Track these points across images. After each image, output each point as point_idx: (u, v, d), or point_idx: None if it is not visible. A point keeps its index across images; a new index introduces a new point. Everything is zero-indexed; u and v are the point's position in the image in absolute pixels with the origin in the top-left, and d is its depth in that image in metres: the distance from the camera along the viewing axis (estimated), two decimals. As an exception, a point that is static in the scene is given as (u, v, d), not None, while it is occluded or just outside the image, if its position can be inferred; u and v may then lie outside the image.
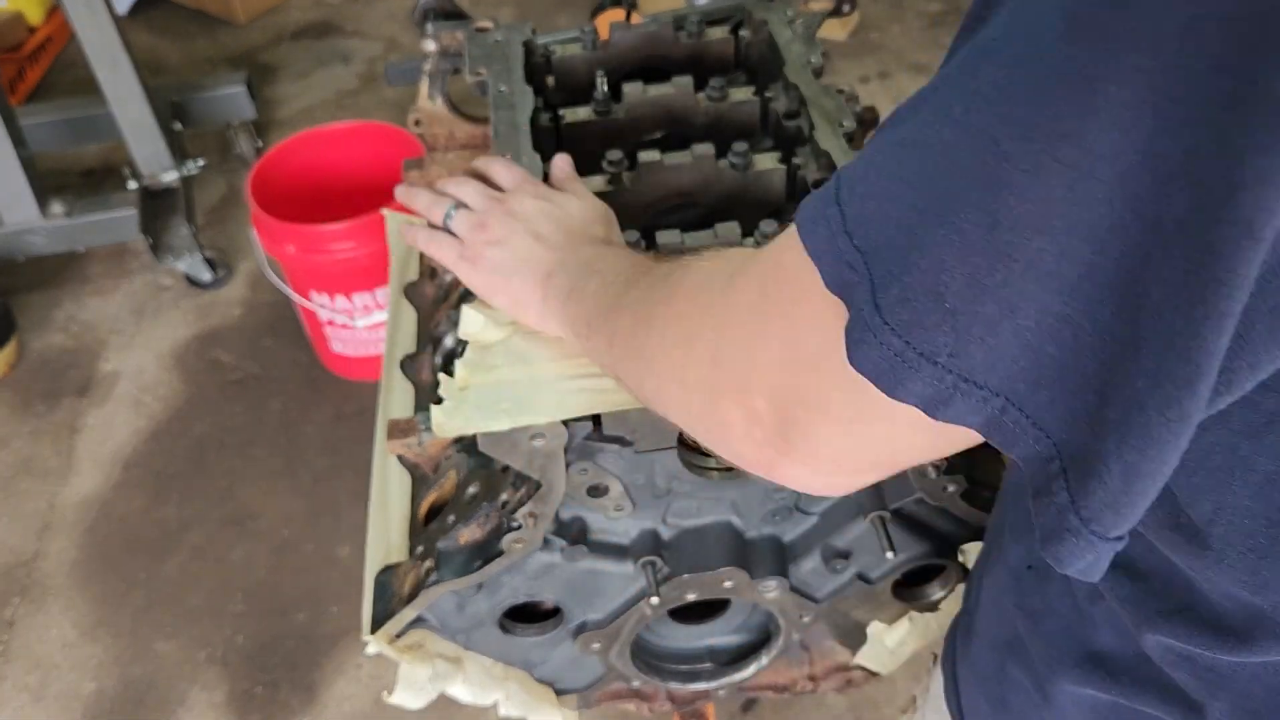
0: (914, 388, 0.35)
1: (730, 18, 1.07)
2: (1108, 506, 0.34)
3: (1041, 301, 0.32)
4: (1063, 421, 0.33)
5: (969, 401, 0.34)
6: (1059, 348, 0.32)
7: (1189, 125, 0.27)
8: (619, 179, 0.88)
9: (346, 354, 1.98)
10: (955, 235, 0.33)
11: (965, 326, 0.33)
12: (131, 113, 2.10)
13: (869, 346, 0.35)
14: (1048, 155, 0.30)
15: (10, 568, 1.78)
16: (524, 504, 0.77)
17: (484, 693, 0.95)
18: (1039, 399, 0.33)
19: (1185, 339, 0.30)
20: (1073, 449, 0.33)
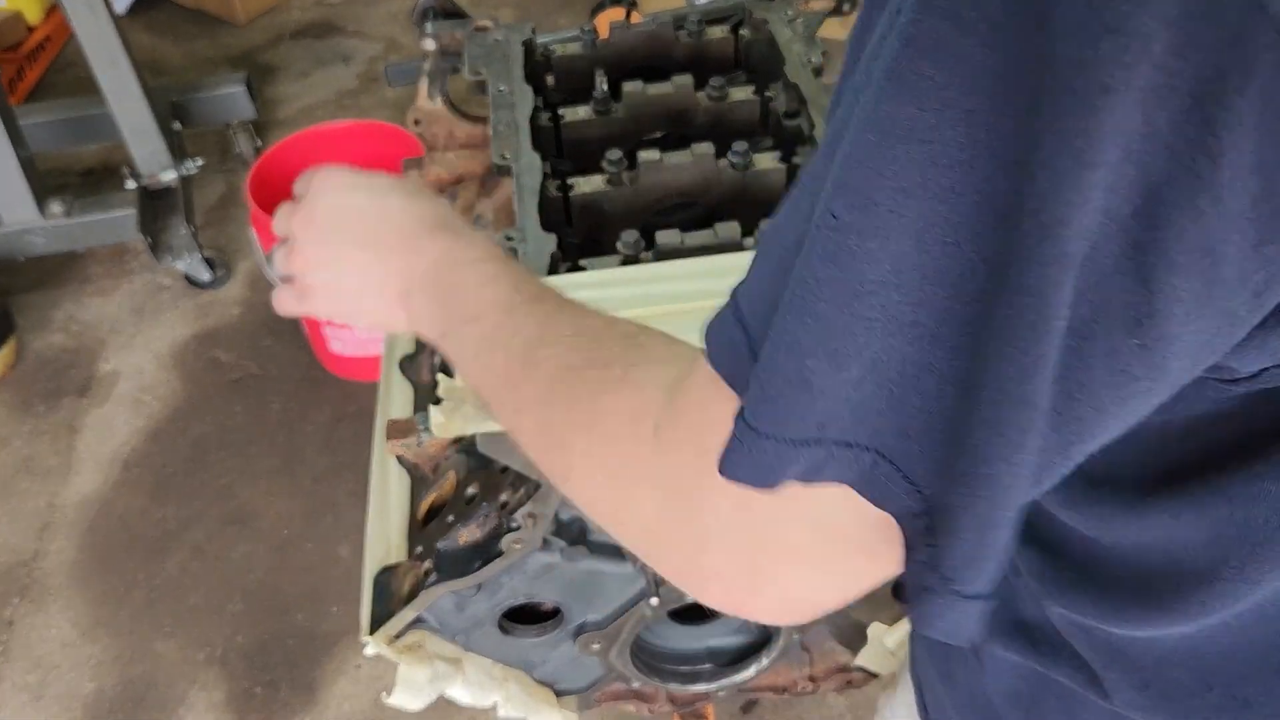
0: (788, 472, 0.34)
1: (730, 17, 1.07)
2: (966, 562, 0.33)
3: (904, 353, 0.31)
4: (930, 474, 0.33)
5: (841, 460, 0.33)
6: (922, 397, 0.32)
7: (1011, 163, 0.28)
8: (619, 178, 0.87)
9: (346, 354, 1.98)
10: (807, 317, 0.32)
11: (830, 392, 0.33)
12: (131, 112, 2.09)
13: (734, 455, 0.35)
14: (893, 215, 0.30)
15: (10, 567, 1.78)
16: (523, 504, 0.76)
17: (483, 694, 0.95)
18: (908, 450, 0.33)
19: (1017, 383, 0.29)
20: (940, 503, 0.33)
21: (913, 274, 0.30)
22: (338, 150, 1.97)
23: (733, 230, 0.80)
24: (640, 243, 0.79)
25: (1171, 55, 0.25)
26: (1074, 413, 0.31)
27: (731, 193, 0.88)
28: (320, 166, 0.64)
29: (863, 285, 0.31)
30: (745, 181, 0.88)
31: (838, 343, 0.32)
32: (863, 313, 0.31)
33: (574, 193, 0.88)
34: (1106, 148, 0.26)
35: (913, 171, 0.29)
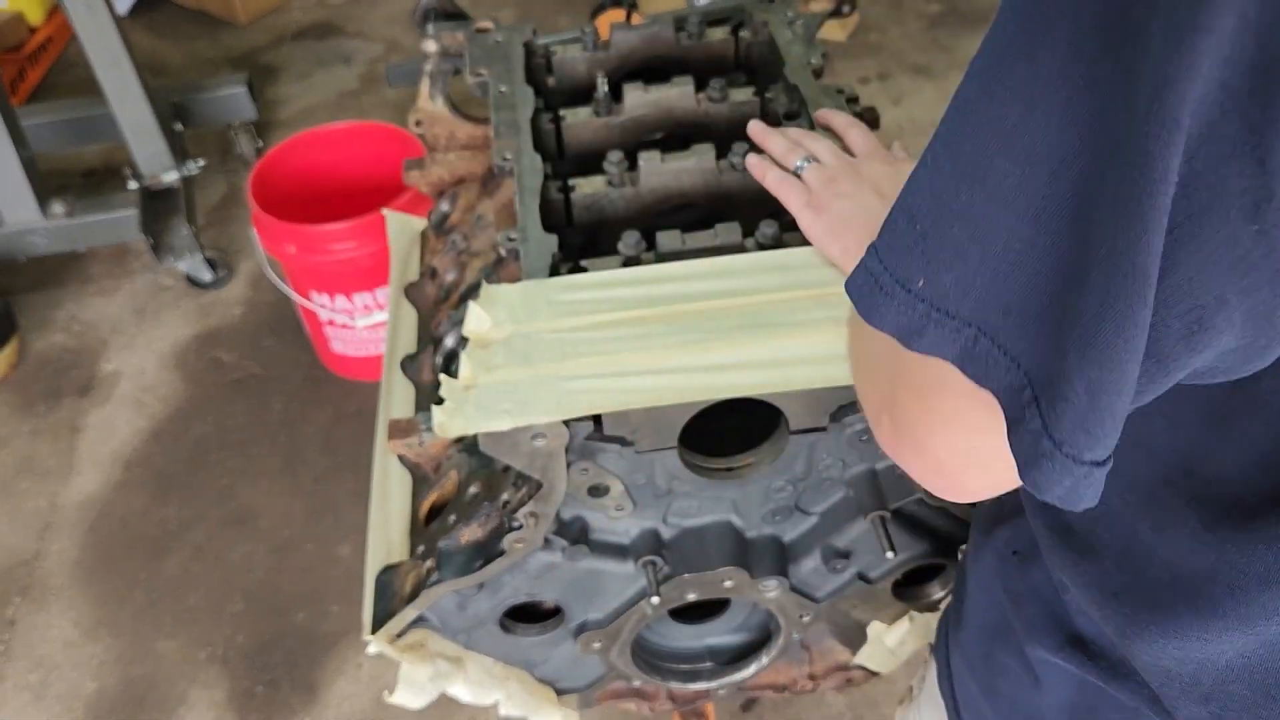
0: (889, 315, 0.37)
1: (731, 18, 1.08)
2: (1078, 427, 0.34)
3: (1007, 226, 0.33)
4: (1031, 348, 0.35)
5: (942, 332, 0.36)
6: (1024, 273, 0.34)
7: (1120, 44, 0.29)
8: (620, 179, 0.88)
9: (347, 354, 1.99)
10: (928, 159, 0.36)
11: (935, 251, 0.35)
12: (132, 113, 2.10)
13: (857, 272, 0.39)
14: (1002, 84, 0.33)
15: (11, 567, 1.79)
16: (525, 504, 0.77)
17: (485, 692, 0.96)
18: (1008, 327, 0.35)
19: (1128, 254, 0.31)
20: (1041, 374, 0.35)
21: (1021, 146, 0.32)
22: (339, 151, 1.97)
23: (733, 231, 0.80)
24: (641, 244, 0.80)
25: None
26: (1198, 300, 0.32)
27: (732, 194, 0.89)
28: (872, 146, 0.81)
29: (971, 142, 0.34)
30: (745, 183, 0.88)
31: (947, 192, 0.35)
32: (967, 170, 0.34)
33: (575, 194, 0.88)
34: (1221, 12, 0.27)
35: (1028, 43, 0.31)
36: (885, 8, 3.02)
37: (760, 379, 0.69)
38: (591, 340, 0.71)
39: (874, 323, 0.38)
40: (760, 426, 0.80)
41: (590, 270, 0.79)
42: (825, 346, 0.70)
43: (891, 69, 2.80)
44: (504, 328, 0.73)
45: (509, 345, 0.72)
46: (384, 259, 1.25)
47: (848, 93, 0.96)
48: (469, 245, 1.03)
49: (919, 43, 2.88)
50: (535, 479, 0.75)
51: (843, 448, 0.80)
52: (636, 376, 0.69)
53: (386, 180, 1.84)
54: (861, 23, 2.93)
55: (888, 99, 2.68)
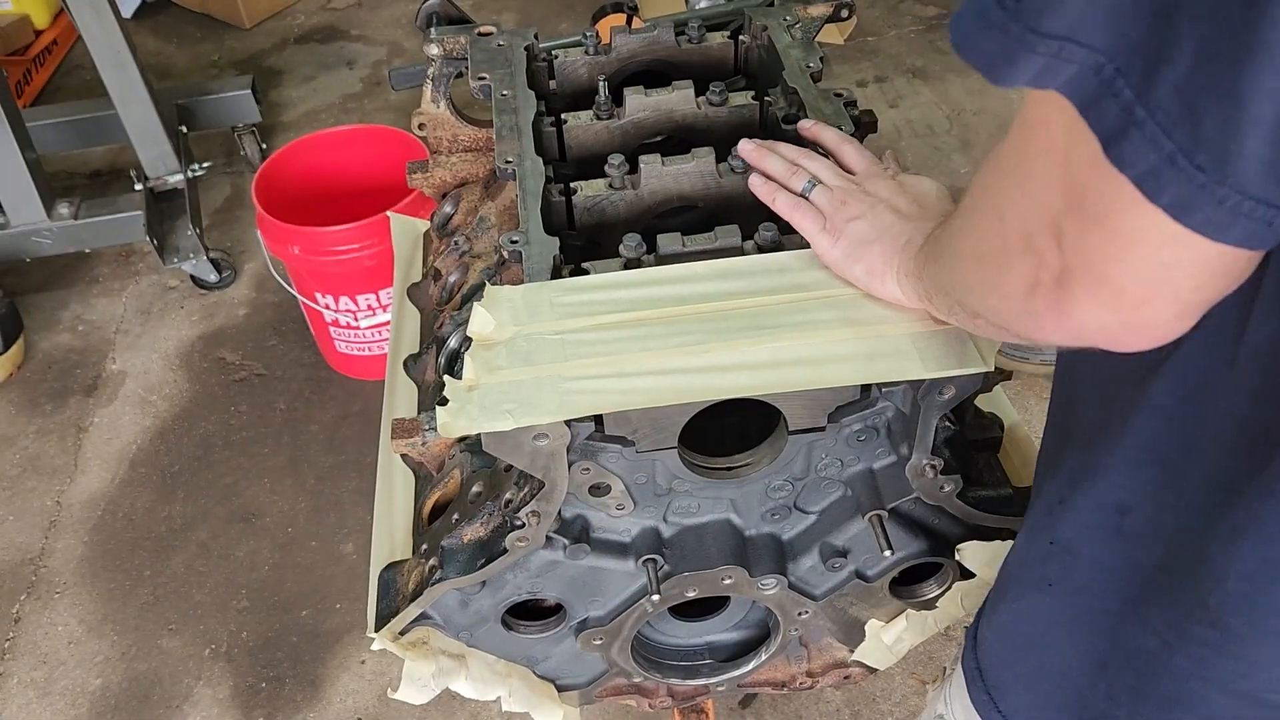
0: (1024, 70, 0.38)
1: (730, 23, 1.09)
2: (1176, 93, 0.35)
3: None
4: (1111, 27, 0.35)
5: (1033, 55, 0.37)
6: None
7: None
8: (621, 182, 0.89)
9: (351, 354, 2.00)
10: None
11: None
12: (137, 115, 2.11)
13: (979, 36, 0.39)
14: None
15: (17, 565, 1.80)
16: (527, 503, 0.78)
17: (487, 689, 0.97)
18: (1090, 20, 0.36)
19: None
20: (1127, 46, 0.35)
21: None
22: (343, 153, 1.99)
23: (733, 234, 0.81)
24: (642, 246, 0.81)
25: None
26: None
27: (731, 196, 0.90)
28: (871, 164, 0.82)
29: None
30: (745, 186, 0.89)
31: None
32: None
33: (577, 196, 0.89)
34: None
35: None
36: (882, 11, 3.03)
37: (759, 379, 0.70)
38: (593, 341, 0.72)
39: (973, 55, 0.39)
40: (759, 426, 0.81)
41: (592, 272, 0.80)
42: (824, 347, 0.71)
43: (888, 72, 2.81)
44: (507, 329, 0.74)
45: (511, 346, 0.73)
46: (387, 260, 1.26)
47: (845, 96, 0.97)
48: (471, 247, 1.04)
49: (915, 46, 2.89)
50: (537, 478, 0.76)
51: (841, 447, 0.81)
52: (637, 377, 0.70)
53: (390, 182, 1.86)
54: (859, 26, 2.94)
55: (885, 102, 2.69)
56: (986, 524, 0.87)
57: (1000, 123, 2.61)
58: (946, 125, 2.62)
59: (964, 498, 0.84)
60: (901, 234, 0.71)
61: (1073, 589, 0.61)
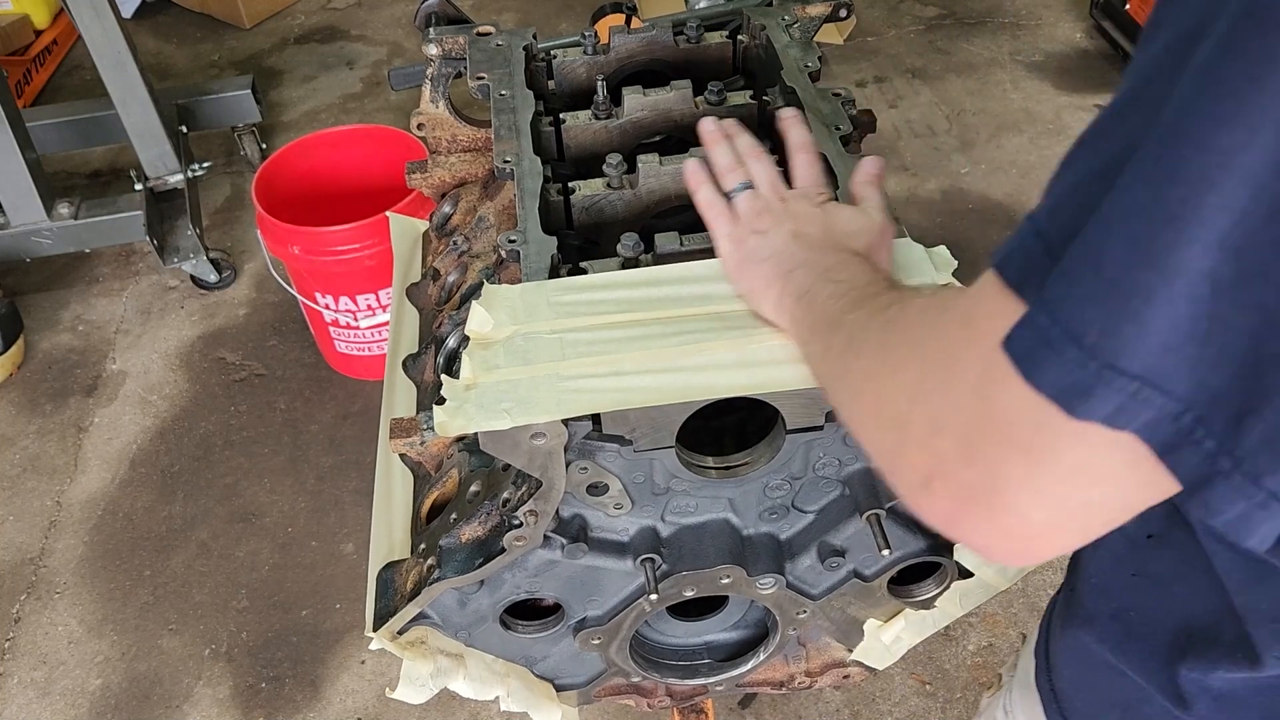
0: (1051, 374, 0.35)
1: (729, 23, 1.09)
2: (1266, 445, 0.34)
3: (1188, 261, 0.32)
4: (1193, 377, 0.34)
5: (1109, 391, 0.34)
6: (1192, 303, 0.32)
7: None
8: (619, 182, 0.89)
9: (350, 354, 2.00)
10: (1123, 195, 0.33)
11: (1122, 299, 0.33)
12: (137, 115, 2.11)
13: (1018, 329, 0.36)
14: (1232, 101, 0.31)
15: (17, 565, 1.80)
16: (525, 502, 0.78)
17: (485, 688, 0.97)
18: (1166, 366, 0.34)
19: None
20: (1208, 396, 0.34)
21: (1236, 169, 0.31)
22: (342, 153, 1.99)
23: None
24: (640, 245, 0.81)
25: None
26: None
27: (729, 196, 0.90)
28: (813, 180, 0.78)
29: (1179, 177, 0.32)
30: (743, 185, 0.89)
31: (1145, 244, 0.32)
32: (1174, 216, 0.32)
33: (575, 196, 0.89)
34: None
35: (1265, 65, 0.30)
36: (882, 11, 3.03)
37: (757, 378, 0.70)
38: (591, 341, 0.72)
39: (1037, 382, 0.35)
40: (757, 426, 0.81)
41: (590, 272, 0.80)
42: None
43: (888, 72, 2.81)
44: (505, 328, 0.74)
45: (509, 345, 0.73)
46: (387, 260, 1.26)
47: (844, 95, 0.97)
48: (470, 247, 1.04)
49: (915, 46, 2.90)
50: (535, 477, 0.76)
51: (839, 447, 0.82)
52: (635, 376, 0.70)
53: (389, 182, 1.86)
54: (858, 26, 2.94)
55: (884, 102, 2.69)
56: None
57: (1000, 123, 2.62)
58: (946, 125, 2.62)
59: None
60: (790, 261, 0.69)
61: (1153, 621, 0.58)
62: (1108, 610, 0.62)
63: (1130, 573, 0.59)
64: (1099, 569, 0.63)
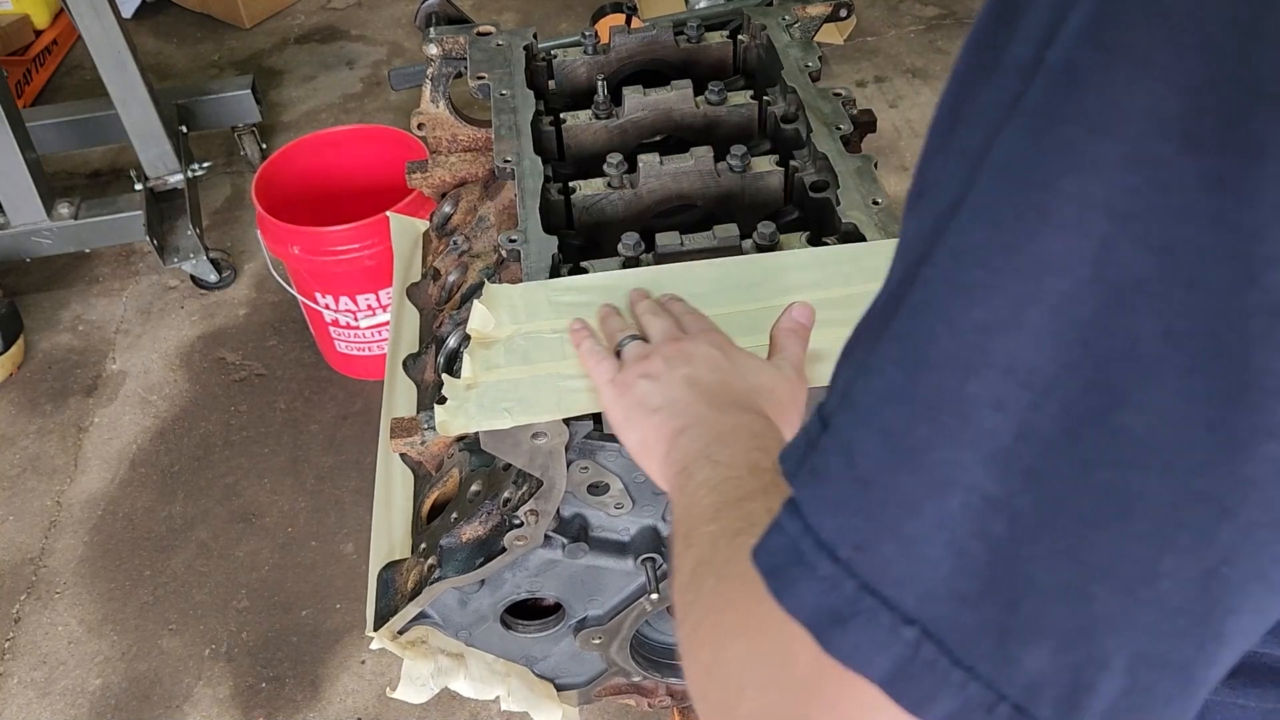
0: (806, 594, 0.27)
1: (729, 22, 1.09)
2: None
3: (970, 476, 0.25)
4: (996, 651, 0.25)
5: (872, 628, 0.26)
6: (989, 545, 0.25)
7: (1166, 222, 0.22)
8: (619, 182, 0.89)
9: (351, 354, 2.00)
10: (873, 379, 0.27)
11: (878, 507, 0.26)
12: (137, 115, 2.11)
13: (770, 533, 0.29)
14: (984, 270, 0.25)
15: (17, 565, 1.80)
16: (526, 501, 0.78)
17: (486, 688, 0.97)
18: (964, 622, 0.25)
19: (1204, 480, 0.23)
20: (1025, 680, 0.25)
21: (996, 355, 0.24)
22: (343, 153, 1.99)
23: (731, 232, 0.81)
24: (640, 245, 0.81)
25: None
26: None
27: (730, 195, 0.90)
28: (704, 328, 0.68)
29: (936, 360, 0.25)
30: (743, 185, 0.90)
31: (892, 422, 0.26)
32: (928, 395, 0.25)
33: (575, 196, 0.89)
34: None
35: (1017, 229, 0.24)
36: (882, 11, 3.03)
37: (756, 378, 0.70)
38: (591, 340, 0.72)
39: (787, 603, 0.27)
40: (757, 425, 0.81)
41: (590, 271, 0.80)
42: (822, 345, 0.71)
43: (888, 72, 2.81)
44: (506, 328, 0.74)
45: (510, 345, 0.73)
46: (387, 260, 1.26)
47: (844, 95, 0.97)
48: (471, 246, 1.04)
49: (915, 46, 2.90)
50: (536, 477, 0.76)
51: (838, 446, 0.81)
52: (635, 376, 0.70)
53: (389, 182, 1.86)
54: (858, 26, 2.94)
55: (884, 102, 2.69)
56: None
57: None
58: (946, 125, 2.62)
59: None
60: (684, 415, 0.59)
61: None
62: None
63: None
64: None
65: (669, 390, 0.61)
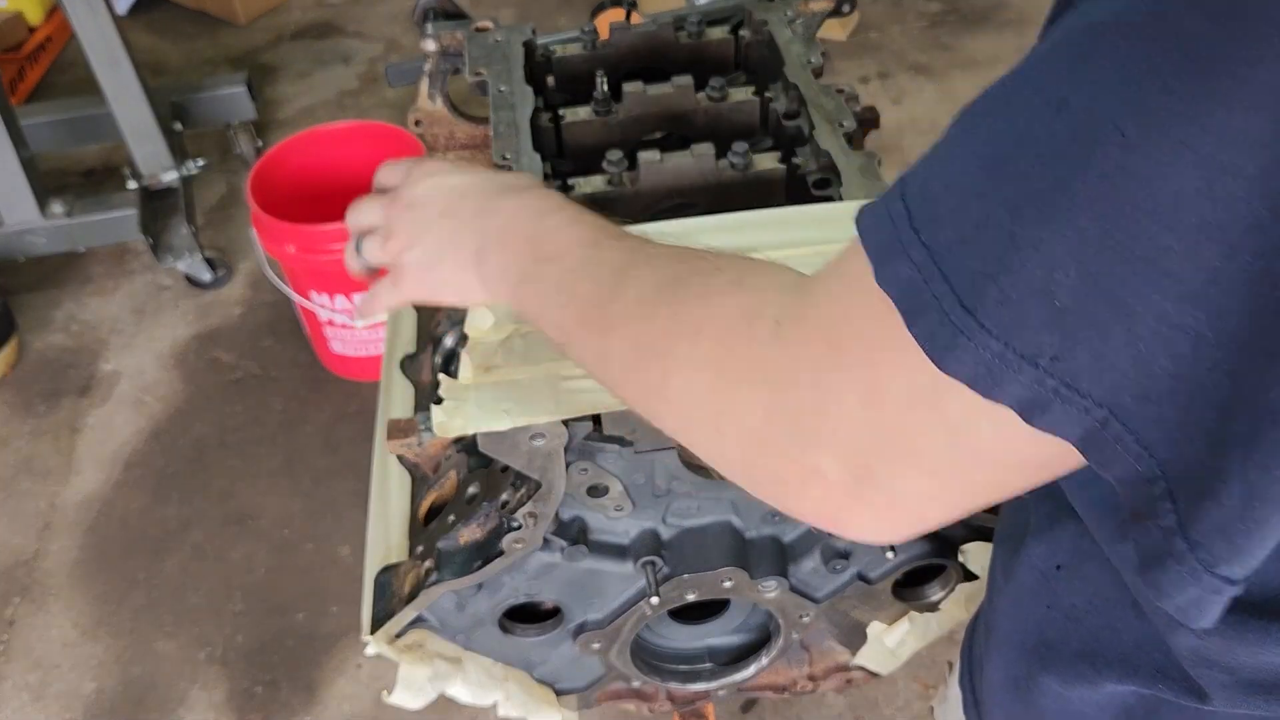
0: (1012, 390, 0.32)
1: (730, 18, 1.08)
2: (1220, 532, 0.31)
3: (1160, 308, 0.29)
4: (1171, 439, 0.31)
5: (1069, 410, 0.32)
6: (1174, 360, 0.30)
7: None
8: (619, 178, 0.88)
9: (346, 354, 1.99)
10: (1069, 230, 0.30)
11: (1074, 328, 0.31)
12: (131, 113, 2.10)
13: (963, 350, 0.33)
14: (1182, 145, 0.28)
15: (11, 567, 1.78)
16: (524, 504, 0.77)
17: (484, 693, 0.96)
18: (1146, 414, 0.31)
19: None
20: (1183, 467, 0.31)
21: (1190, 218, 0.28)
22: (339, 150, 1.97)
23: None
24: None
25: None
26: None
27: (731, 192, 0.89)
28: (415, 159, 0.65)
29: (1132, 217, 0.29)
30: (745, 182, 0.88)
31: (1095, 267, 0.30)
32: (1127, 248, 0.29)
33: (575, 193, 0.88)
34: None
35: (1211, 103, 0.27)
36: (885, 7, 3.02)
37: (760, 379, 0.69)
38: (591, 340, 0.71)
39: (994, 397, 0.33)
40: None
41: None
42: None
43: (891, 68, 2.80)
44: (504, 327, 0.73)
45: (508, 345, 0.72)
46: (383, 259, 1.25)
47: (848, 92, 0.96)
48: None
49: (919, 42, 2.88)
50: (534, 479, 0.75)
51: (843, 448, 0.80)
52: (636, 376, 0.69)
53: (386, 180, 1.84)
54: (861, 22, 2.93)
55: (887, 98, 2.68)
56: (991, 525, 0.86)
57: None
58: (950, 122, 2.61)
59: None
60: (465, 242, 0.58)
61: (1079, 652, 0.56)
62: (1028, 643, 0.59)
63: (1045, 604, 0.56)
64: (1013, 601, 0.60)
65: (433, 234, 0.59)
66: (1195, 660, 0.46)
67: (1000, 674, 0.63)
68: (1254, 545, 0.31)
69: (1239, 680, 0.45)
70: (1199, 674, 0.47)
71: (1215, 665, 0.45)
